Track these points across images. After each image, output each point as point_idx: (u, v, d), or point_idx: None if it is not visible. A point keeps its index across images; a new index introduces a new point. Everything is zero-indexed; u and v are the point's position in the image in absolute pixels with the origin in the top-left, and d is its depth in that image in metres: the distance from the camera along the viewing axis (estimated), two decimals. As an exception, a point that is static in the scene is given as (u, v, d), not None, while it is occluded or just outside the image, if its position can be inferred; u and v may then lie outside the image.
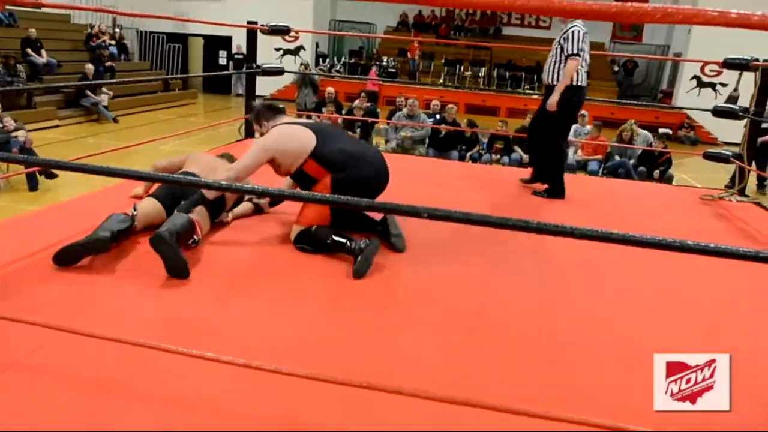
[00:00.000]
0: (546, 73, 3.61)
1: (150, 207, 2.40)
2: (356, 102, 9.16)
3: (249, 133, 4.69)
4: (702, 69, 16.64)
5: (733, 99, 4.26)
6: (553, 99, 3.44)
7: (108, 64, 12.38)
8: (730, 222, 3.47)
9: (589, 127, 8.12)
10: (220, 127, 6.63)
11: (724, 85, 13.94)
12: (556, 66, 3.50)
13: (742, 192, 4.05)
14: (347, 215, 2.55)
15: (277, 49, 15.02)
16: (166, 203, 2.41)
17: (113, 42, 13.74)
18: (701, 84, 14.67)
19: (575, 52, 3.41)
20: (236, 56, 16.19)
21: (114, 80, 11.34)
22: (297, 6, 14.68)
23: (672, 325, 2.03)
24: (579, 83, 3.49)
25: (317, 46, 18.03)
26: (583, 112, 8.17)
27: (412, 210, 1.17)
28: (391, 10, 19.20)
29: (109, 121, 10.67)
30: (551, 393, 1.53)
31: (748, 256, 1.41)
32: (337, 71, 17.34)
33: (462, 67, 17.42)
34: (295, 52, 15.90)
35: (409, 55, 17.67)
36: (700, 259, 1.44)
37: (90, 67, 10.94)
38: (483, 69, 17.39)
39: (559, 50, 3.50)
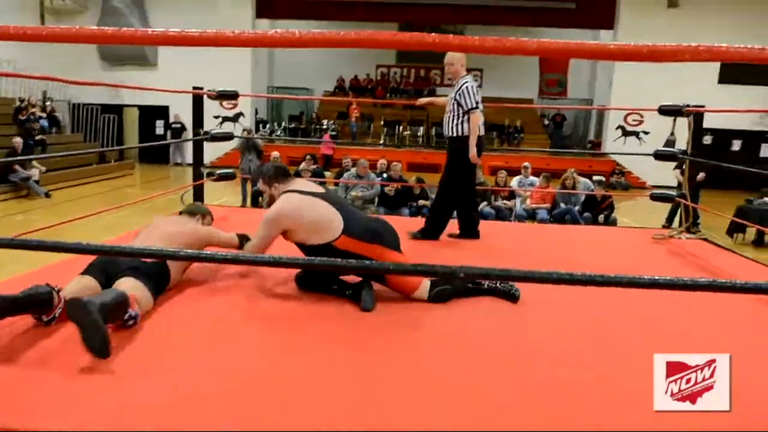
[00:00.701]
0: (445, 127, 3.80)
1: (83, 284, 2.05)
2: (302, 165, 9.16)
3: (197, 199, 4.51)
4: (625, 119, 17.69)
5: (670, 143, 4.51)
6: (472, 153, 3.62)
7: (38, 137, 11.90)
8: (685, 258, 3.59)
9: (532, 177, 8.42)
10: (159, 197, 6.42)
11: (646, 132, 15.01)
12: (454, 120, 3.69)
13: (689, 229, 4.22)
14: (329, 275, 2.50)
15: (216, 117, 14.99)
16: (102, 279, 2.10)
17: (44, 114, 13.29)
18: (626, 133, 15.69)
19: (474, 105, 3.61)
20: (173, 125, 16.01)
21: (45, 155, 10.86)
22: (235, 74, 14.78)
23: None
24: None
25: (256, 112, 18.12)
26: (525, 164, 8.49)
27: (448, 270, 1.10)
28: (328, 75, 19.67)
29: (40, 196, 10.13)
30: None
31: (748, 289, 1.42)
32: (278, 136, 17.40)
33: (401, 127, 17.90)
34: (235, 119, 15.90)
35: (349, 117, 18.04)
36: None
37: (18, 141, 10.45)
38: (421, 128, 17.94)
39: (455, 105, 3.68)
